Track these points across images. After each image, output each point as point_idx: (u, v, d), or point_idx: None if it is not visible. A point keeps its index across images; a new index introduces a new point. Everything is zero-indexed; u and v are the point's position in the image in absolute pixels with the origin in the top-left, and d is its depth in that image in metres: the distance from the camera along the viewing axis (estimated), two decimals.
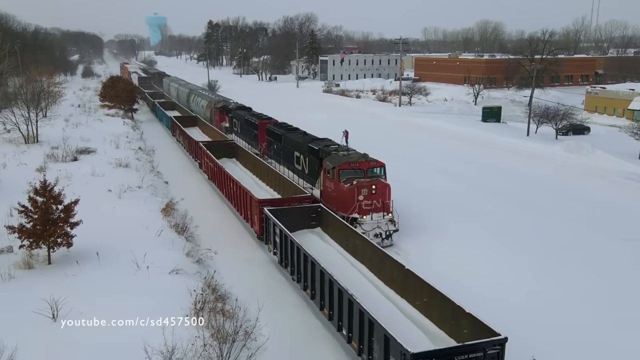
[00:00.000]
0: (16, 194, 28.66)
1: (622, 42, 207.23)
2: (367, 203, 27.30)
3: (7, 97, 61.06)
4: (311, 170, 32.31)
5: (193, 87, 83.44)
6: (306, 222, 26.18)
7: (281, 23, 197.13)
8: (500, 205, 33.89)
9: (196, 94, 72.21)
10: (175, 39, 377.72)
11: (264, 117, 45.81)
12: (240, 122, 48.96)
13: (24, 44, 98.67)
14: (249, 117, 46.54)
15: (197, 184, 41.24)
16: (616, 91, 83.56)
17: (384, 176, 28.92)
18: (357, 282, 20.26)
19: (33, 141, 47.30)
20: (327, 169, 29.19)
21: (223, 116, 54.95)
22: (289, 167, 35.58)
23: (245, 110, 52.00)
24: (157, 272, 21.20)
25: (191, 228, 28.20)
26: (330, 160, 29.18)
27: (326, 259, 21.09)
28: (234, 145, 44.14)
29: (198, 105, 67.54)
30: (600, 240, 28.26)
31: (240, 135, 48.65)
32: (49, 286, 19.33)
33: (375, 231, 26.66)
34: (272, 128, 39.91)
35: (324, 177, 29.86)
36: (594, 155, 48.58)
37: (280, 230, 23.28)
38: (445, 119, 70.59)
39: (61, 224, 21.56)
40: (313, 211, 26.57)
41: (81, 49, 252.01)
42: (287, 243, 22.49)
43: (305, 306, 21.30)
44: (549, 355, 17.41)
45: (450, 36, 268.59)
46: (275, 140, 38.39)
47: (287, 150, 36.07)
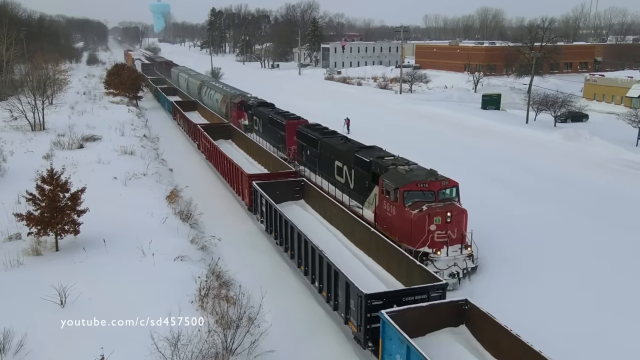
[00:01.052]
0: (24, 181, 28.81)
1: (621, 29, 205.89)
2: (440, 234, 21.78)
3: (13, 84, 61.10)
4: (359, 186, 26.54)
5: (205, 79, 75.84)
6: (291, 194, 28.16)
7: (283, 10, 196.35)
8: (498, 191, 33.94)
9: (209, 87, 65.25)
10: (178, 27, 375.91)
11: (292, 116, 39.58)
12: (262, 121, 42.94)
13: (29, 32, 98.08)
14: (274, 116, 40.23)
15: (201, 171, 41.21)
16: (614, 78, 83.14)
17: (458, 198, 23.21)
18: (332, 244, 22.58)
19: (39, 129, 47.26)
20: (386, 189, 23.37)
21: (241, 113, 49.03)
22: (327, 178, 30.09)
23: (268, 106, 45.28)
24: (162, 258, 21.29)
25: (195, 215, 28.25)
26: (391, 178, 23.29)
27: (306, 225, 23.21)
28: (229, 127, 45.84)
29: (211, 99, 61.15)
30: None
31: (263, 135, 42.75)
32: (57, 273, 19.42)
33: (450, 270, 21.41)
34: (304, 131, 34.07)
35: (381, 198, 23.96)
36: (592, 143, 48.47)
37: (266, 201, 25.71)
38: (446, 107, 70.34)
39: (68, 211, 21.60)
40: (297, 185, 28.64)
41: (86, 36, 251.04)
42: (272, 212, 24.90)
43: (307, 293, 21.41)
44: None
45: (451, 23, 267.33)
46: (309, 145, 32.72)
47: (324, 158, 30.62)
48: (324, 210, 26.10)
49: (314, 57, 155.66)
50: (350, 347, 17.60)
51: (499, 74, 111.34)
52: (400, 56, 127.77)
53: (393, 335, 14.27)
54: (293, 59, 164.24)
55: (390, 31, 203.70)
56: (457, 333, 15.68)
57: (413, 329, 14.50)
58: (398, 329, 13.95)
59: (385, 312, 14.79)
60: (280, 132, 38.45)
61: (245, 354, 15.69)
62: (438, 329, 15.61)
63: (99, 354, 11.99)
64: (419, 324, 15.19)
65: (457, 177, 24.08)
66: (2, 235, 23.07)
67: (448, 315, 15.71)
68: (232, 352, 15.36)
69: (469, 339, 15.44)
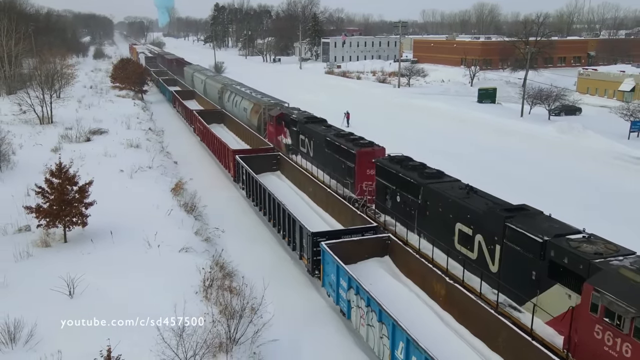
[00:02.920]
0: (33, 173, 28.80)
1: (614, 23, 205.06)
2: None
3: (22, 78, 60.87)
4: (514, 275, 16.69)
5: (227, 82, 60.14)
6: (269, 166, 32.57)
7: (285, 6, 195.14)
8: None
9: (233, 92, 52.18)
10: (182, 21, 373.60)
11: (364, 142, 27.77)
12: (314, 143, 31.72)
13: (37, 27, 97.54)
14: (336, 140, 28.77)
15: (205, 163, 41.02)
16: (607, 73, 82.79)
17: None
18: (297, 204, 26.81)
19: (48, 122, 47.11)
20: (608, 308, 12.97)
21: (281, 128, 37.15)
22: (438, 242, 20.15)
23: (320, 123, 33.50)
24: (167, 250, 21.28)
25: (199, 207, 28.19)
26: (619, 293, 12.81)
27: (279, 191, 27.15)
28: (222, 113, 49.47)
29: (237, 106, 48.45)
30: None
31: (314, 161, 31.54)
32: (66, 264, 19.44)
33: None
34: (389, 166, 23.75)
35: (585, 317, 13.63)
36: (584, 136, 48.32)
37: (246, 171, 29.64)
38: (443, 101, 70.05)
39: (76, 204, 21.59)
40: (274, 158, 33.17)
41: (92, 31, 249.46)
42: (251, 180, 28.89)
43: (307, 283, 21.40)
44: None
45: (448, 18, 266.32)
46: (402, 189, 22.67)
47: (433, 213, 20.68)
48: (296, 179, 30.52)
49: (315, 52, 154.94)
50: (350, 336, 17.60)
51: (494, 68, 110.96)
52: (398, 50, 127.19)
53: (329, 260, 18.52)
54: (294, 53, 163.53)
55: (389, 26, 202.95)
56: (382, 261, 20.01)
57: (347, 258, 18.47)
58: (331, 253, 18.21)
59: (324, 243, 19.00)
60: (346, 163, 27.41)
61: (249, 343, 15.68)
62: (367, 259, 19.89)
63: (106, 344, 11.95)
64: (351, 254, 19.27)
65: (455, 170, 23.97)
66: (12, 227, 23.04)
67: (375, 248, 20.06)
68: (236, 342, 15.36)
69: (390, 265, 19.83)
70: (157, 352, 13.66)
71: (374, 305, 15.47)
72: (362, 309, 16.40)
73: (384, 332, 14.98)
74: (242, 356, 15.18)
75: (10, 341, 14.85)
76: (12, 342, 14.85)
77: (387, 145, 28.12)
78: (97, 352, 12.05)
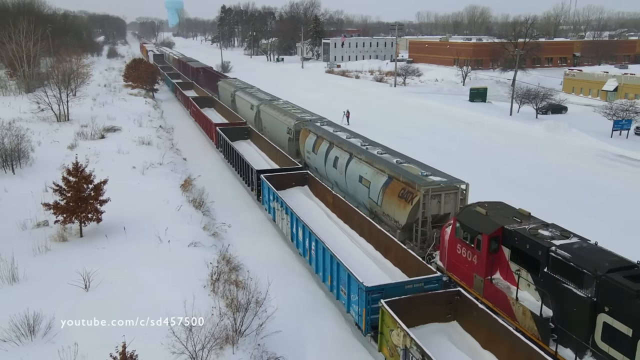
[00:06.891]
0: (50, 170, 28.74)
1: (599, 25, 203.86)
2: None
3: (40, 78, 60.57)
4: None
5: (300, 116, 35.31)
6: (242, 136, 38.99)
7: (287, 8, 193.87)
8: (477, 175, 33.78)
9: (326, 137, 29.40)
10: (191, 22, 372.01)
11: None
12: None
13: (54, 28, 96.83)
14: None
15: (213, 160, 40.84)
16: (592, 73, 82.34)
17: None
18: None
19: (64, 120, 46.89)
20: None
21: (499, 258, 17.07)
22: None
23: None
24: (177, 245, 21.21)
25: (207, 203, 28.09)
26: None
27: (252, 155, 33.94)
28: (213, 99, 55.61)
29: (352, 176, 25.42)
30: None
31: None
32: (81, 258, 19.42)
33: None
34: None
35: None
36: (570, 134, 48.14)
37: (224, 140, 36.60)
38: (436, 99, 69.77)
39: (91, 201, 21.52)
40: (246, 130, 39.59)
41: (106, 31, 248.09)
42: (228, 147, 35.43)
43: (309, 276, 21.34)
44: None
45: (442, 19, 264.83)
46: None
47: None
48: (262, 146, 36.06)
49: (316, 52, 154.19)
50: (349, 328, 17.59)
51: (485, 68, 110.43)
52: (395, 51, 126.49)
53: None
54: (296, 53, 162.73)
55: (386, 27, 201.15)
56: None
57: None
58: (268, 184, 25.43)
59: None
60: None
61: (253, 335, 15.67)
62: None
63: (120, 338, 11.90)
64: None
65: (450, 167, 23.83)
66: (32, 222, 22.98)
67: None
68: (242, 334, 15.34)
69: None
70: (168, 345, 13.63)
71: None
72: None
73: None
74: (247, 347, 15.14)
75: (30, 333, 14.82)
76: (31, 334, 14.82)
77: (387, 145, 27.80)
78: (111, 345, 11.96)
